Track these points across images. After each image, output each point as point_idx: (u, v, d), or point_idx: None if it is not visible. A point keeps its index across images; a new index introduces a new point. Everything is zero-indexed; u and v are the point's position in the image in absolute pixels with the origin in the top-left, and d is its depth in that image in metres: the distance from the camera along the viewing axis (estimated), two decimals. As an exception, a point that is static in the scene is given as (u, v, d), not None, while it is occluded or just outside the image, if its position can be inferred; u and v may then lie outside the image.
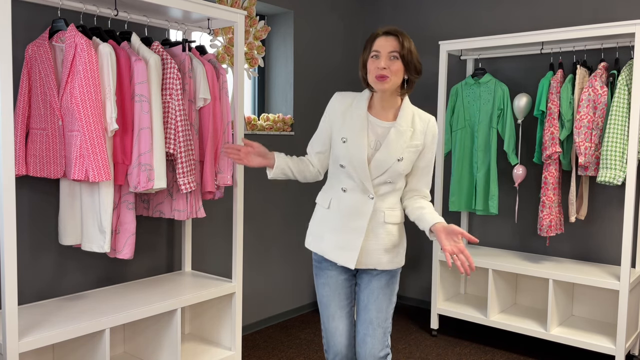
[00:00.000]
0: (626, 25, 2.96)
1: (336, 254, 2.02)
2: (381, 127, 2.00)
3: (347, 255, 2.00)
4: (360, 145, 1.96)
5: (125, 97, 2.45)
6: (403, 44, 1.90)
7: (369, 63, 1.94)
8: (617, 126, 3.04)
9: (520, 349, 3.52)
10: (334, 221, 2.03)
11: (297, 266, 4.11)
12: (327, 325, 2.10)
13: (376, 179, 1.98)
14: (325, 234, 2.05)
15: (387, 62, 1.90)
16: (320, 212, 2.09)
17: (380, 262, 2.04)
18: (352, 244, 2.00)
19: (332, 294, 2.08)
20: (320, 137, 2.10)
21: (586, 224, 3.58)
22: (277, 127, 3.85)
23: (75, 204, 2.49)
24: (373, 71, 1.92)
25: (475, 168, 3.63)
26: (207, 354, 2.90)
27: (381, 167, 1.96)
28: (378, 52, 1.91)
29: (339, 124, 2.03)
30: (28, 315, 2.38)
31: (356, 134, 1.97)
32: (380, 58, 1.91)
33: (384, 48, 1.91)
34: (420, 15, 4.27)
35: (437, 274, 3.71)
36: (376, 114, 2.02)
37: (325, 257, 2.08)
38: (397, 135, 1.96)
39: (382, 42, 1.92)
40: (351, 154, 1.96)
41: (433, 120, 2.04)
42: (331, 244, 2.03)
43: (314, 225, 2.12)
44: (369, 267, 2.04)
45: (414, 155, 2.00)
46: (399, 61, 1.91)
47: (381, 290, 2.06)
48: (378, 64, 1.90)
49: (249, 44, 3.63)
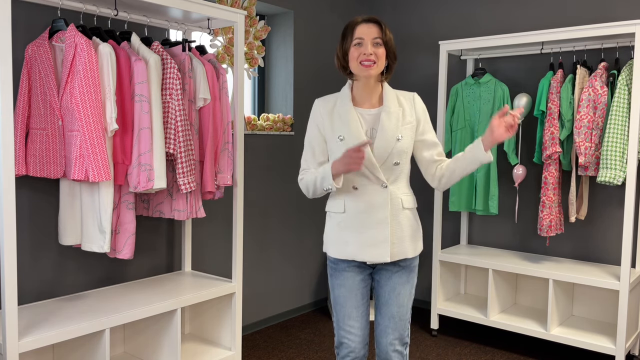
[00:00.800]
0: (626, 25, 2.96)
1: (367, 252, 2.00)
2: (370, 115, 2.01)
3: (379, 251, 1.99)
4: (359, 137, 1.96)
5: (125, 97, 2.45)
6: (385, 31, 1.95)
7: (352, 51, 1.96)
8: (617, 126, 3.04)
9: (520, 349, 3.52)
10: (355, 221, 2.01)
11: (297, 266, 4.11)
12: (341, 324, 2.09)
13: (383, 164, 1.98)
14: (348, 238, 2.02)
15: (372, 48, 1.93)
16: (336, 219, 2.06)
17: (408, 251, 2.04)
18: (380, 237, 1.99)
19: (348, 294, 2.07)
20: (316, 147, 2.07)
21: (586, 224, 3.58)
22: (277, 127, 3.85)
23: (75, 204, 2.49)
24: (358, 58, 1.94)
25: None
26: (207, 354, 2.90)
27: (384, 152, 1.97)
28: (362, 39, 1.94)
29: (330, 126, 2.02)
30: (28, 315, 2.38)
31: (351, 128, 1.98)
32: (364, 45, 1.93)
33: (368, 35, 1.93)
34: (420, 15, 4.27)
35: (437, 274, 3.71)
36: (361, 104, 2.04)
37: (340, 259, 2.06)
38: (388, 118, 1.98)
39: (365, 29, 1.94)
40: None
41: (417, 95, 2.08)
42: (358, 245, 2.01)
43: (333, 232, 2.07)
44: (400, 257, 2.02)
45: (411, 132, 2.02)
46: (382, 47, 1.95)
47: (402, 287, 2.06)
48: (364, 50, 1.93)
49: (249, 44, 3.63)
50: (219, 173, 2.81)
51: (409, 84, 4.35)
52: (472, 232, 4.06)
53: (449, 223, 4.18)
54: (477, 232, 4.03)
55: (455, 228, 4.15)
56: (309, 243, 4.20)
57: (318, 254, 4.29)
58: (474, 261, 3.55)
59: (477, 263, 3.53)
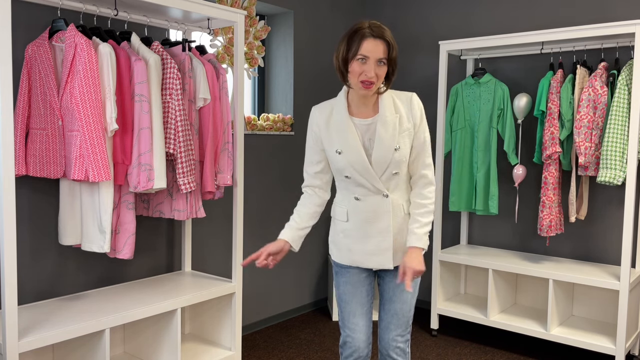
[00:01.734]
0: (626, 25, 2.96)
1: (370, 260, 2.04)
2: (366, 125, 1.97)
3: (381, 259, 2.02)
4: (357, 150, 1.95)
5: (125, 97, 2.45)
6: (391, 48, 1.87)
7: (354, 64, 1.87)
8: (617, 126, 3.04)
9: (520, 349, 3.52)
10: (358, 231, 2.03)
11: (297, 266, 4.11)
12: (346, 321, 2.11)
13: (382, 175, 1.97)
14: (352, 246, 2.05)
15: (375, 68, 1.86)
16: (340, 226, 2.08)
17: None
18: (383, 245, 2.01)
19: (353, 291, 2.09)
20: (314, 157, 2.08)
21: (586, 224, 3.58)
22: (277, 127, 3.85)
23: (75, 204, 2.49)
24: (359, 75, 1.87)
25: (475, 168, 3.63)
26: (207, 354, 2.90)
27: (383, 163, 1.96)
28: (367, 58, 1.85)
29: (327, 137, 2.01)
30: (28, 315, 2.38)
31: (348, 141, 1.95)
32: (368, 64, 1.85)
33: (373, 54, 1.84)
34: (420, 15, 4.26)
35: (437, 274, 3.71)
36: (357, 113, 1.99)
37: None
38: (384, 128, 1.94)
39: (371, 46, 1.84)
40: (351, 162, 1.96)
41: (415, 96, 2.00)
42: (362, 254, 2.04)
43: (337, 238, 2.10)
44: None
45: (409, 139, 1.98)
46: (385, 66, 1.89)
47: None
48: (366, 70, 1.85)
49: (249, 44, 3.62)
50: (219, 173, 2.81)
51: (409, 84, 4.35)
52: (472, 232, 4.06)
53: (449, 223, 4.18)
54: (477, 232, 4.03)
55: (455, 228, 4.15)
56: (309, 243, 4.20)
57: (318, 254, 4.29)
58: (474, 261, 3.55)
59: (477, 263, 3.53)
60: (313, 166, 2.09)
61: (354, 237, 2.04)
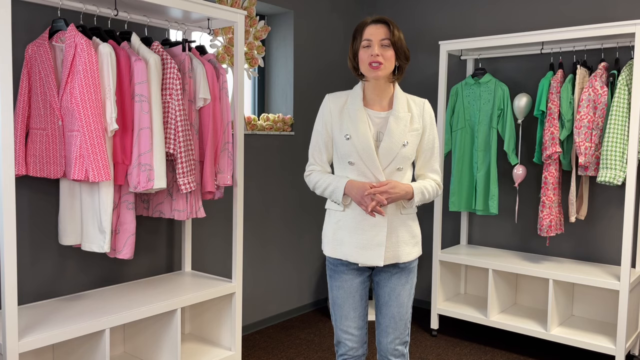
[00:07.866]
0: (626, 25, 2.96)
1: (361, 254, 2.00)
2: (379, 118, 2.02)
3: (373, 254, 1.99)
4: (366, 137, 1.97)
5: (125, 97, 2.45)
6: (393, 31, 1.95)
7: (361, 52, 1.97)
8: (617, 126, 3.04)
9: (520, 349, 3.52)
10: (352, 222, 2.02)
11: (297, 266, 4.11)
12: (339, 323, 2.11)
13: (386, 168, 1.98)
14: (344, 238, 2.03)
15: (379, 49, 1.94)
16: (335, 217, 2.07)
17: (402, 255, 2.03)
18: (376, 240, 1.99)
19: (346, 296, 2.08)
20: (321, 143, 2.09)
21: (586, 224, 3.58)
22: (277, 127, 3.85)
23: (75, 204, 2.49)
24: (366, 59, 1.95)
25: (475, 168, 3.63)
26: (207, 354, 2.90)
27: (389, 156, 1.97)
28: (370, 41, 1.95)
29: (338, 123, 2.03)
30: (28, 315, 2.39)
31: (359, 128, 1.98)
32: (372, 46, 1.94)
33: (375, 36, 1.94)
34: (420, 15, 4.27)
35: (437, 274, 3.71)
36: (372, 105, 2.04)
37: (341, 261, 2.06)
38: (396, 122, 1.99)
39: (373, 30, 1.95)
40: (358, 148, 1.97)
41: (427, 103, 2.08)
42: (352, 246, 2.01)
43: (331, 230, 2.08)
44: (393, 262, 2.02)
45: (416, 139, 2.03)
46: (390, 49, 1.95)
47: (402, 287, 2.07)
48: (371, 51, 1.94)
49: (249, 44, 3.63)
50: (219, 173, 2.81)
51: (409, 84, 4.35)
52: (472, 232, 4.06)
53: (449, 223, 4.18)
54: (477, 232, 4.03)
55: (455, 228, 4.15)
56: (309, 243, 4.20)
57: (318, 254, 4.29)
58: (474, 261, 3.55)
59: (477, 263, 3.53)
60: (318, 151, 2.11)
61: (348, 227, 2.02)
